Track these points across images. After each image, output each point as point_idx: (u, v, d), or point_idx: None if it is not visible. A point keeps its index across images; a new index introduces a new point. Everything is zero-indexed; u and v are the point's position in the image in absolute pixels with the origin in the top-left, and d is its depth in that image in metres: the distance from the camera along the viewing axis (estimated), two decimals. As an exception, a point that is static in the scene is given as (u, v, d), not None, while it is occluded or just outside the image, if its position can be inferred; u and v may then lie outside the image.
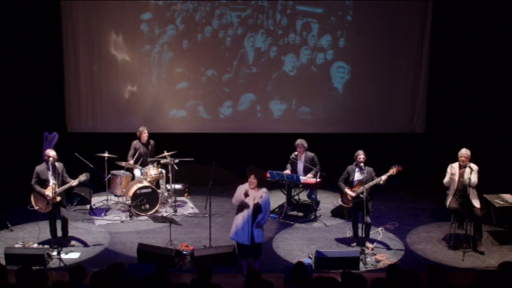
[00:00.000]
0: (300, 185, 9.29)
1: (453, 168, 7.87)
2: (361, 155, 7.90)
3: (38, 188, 7.86)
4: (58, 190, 7.84)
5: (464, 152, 7.78)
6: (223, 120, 11.45)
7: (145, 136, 9.87)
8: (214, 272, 5.37)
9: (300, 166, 9.40)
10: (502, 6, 10.41)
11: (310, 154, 9.37)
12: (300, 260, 6.80)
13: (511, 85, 10.63)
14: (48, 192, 7.79)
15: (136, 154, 9.81)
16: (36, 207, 8.00)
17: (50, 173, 7.82)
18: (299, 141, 9.34)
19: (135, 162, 9.74)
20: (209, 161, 8.30)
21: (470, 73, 10.79)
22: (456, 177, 7.83)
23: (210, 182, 7.97)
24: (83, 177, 8.03)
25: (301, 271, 5.19)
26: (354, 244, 8.11)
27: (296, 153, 9.41)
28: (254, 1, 11.07)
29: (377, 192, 8.61)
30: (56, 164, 7.89)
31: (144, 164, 9.79)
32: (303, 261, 5.93)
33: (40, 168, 7.89)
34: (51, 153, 7.88)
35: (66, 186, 7.95)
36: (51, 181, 7.78)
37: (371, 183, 7.75)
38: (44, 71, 10.87)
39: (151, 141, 10.03)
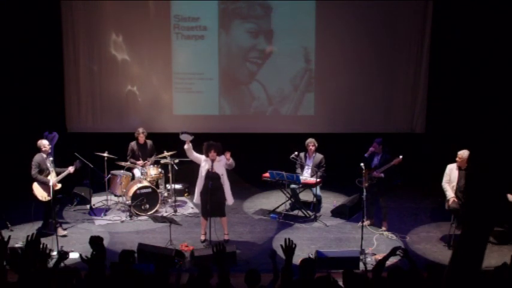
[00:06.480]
0: (300, 185, 9.29)
1: (451, 170, 7.86)
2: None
3: (40, 177, 8.14)
4: (57, 178, 8.25)
5: (465, 155, 7.74)
6: (224, 120, 11.44)
7: (142, 137, 9.85)
8: (213, 272, 5.36)
9: (308, 165, 9.41)
10: (502, 6, 10.39)
11: (320, 156, 9.37)
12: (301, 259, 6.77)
13: (511, 85, 10.62)
14: (51, 178, 8.16)
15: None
16: (40, 197, 8.19)
17: (49, 161, 8.21)
18: (310, 140, 9.37)
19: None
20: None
21: (470, 73, 10.77)
22: (456, 179, 7.82)
23: (209, 182, 7.97)
24: (77, 164, 8.45)
25: (310, 267, 5.07)
26: (368, 222, 8.64)
27: (296, 153, 9.39)
28: (258, 0, 11.06)
29: (378, 193, 8.63)
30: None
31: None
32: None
33: (39, 158, 8.18)
34: (45, 143, 8.26)
35: (65, 173, 8.29)
36: (51, 169, 8.17)
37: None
38: (44, 71, 10.86)
39: (149, 142, 10.02)
